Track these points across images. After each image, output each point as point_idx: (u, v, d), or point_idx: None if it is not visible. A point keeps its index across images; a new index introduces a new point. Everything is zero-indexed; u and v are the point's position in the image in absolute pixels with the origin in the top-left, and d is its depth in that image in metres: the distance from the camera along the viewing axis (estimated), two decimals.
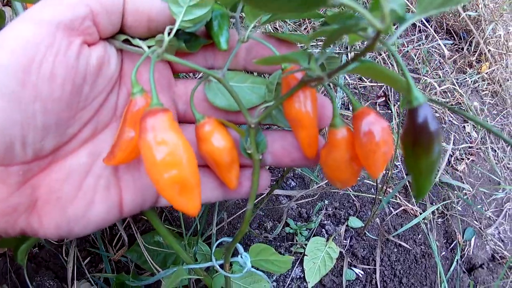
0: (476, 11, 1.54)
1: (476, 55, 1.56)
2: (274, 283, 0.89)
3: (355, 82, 1.26)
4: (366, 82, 1.30)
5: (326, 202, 1.04)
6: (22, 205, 0.32)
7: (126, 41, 0.36)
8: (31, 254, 0.82)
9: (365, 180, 1.10)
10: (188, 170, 0.29)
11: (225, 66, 0.37)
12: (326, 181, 1.02)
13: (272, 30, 1.07)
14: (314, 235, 0.95)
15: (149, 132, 0.28)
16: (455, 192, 1.23)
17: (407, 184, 1.15)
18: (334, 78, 0.30)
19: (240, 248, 0.59)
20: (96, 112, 0.35)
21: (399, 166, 1.18)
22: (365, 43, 0.24)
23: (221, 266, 0.56)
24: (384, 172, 1.04)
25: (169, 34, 0.34)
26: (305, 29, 1.27)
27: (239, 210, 0.95)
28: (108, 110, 0.36)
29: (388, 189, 1.02)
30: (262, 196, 0.93)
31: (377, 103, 1.25)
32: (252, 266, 0.59)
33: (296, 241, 0.93)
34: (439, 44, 1.48)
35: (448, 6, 0.23)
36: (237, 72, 0.41)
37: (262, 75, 0.44)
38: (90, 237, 0.85)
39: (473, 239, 1.21)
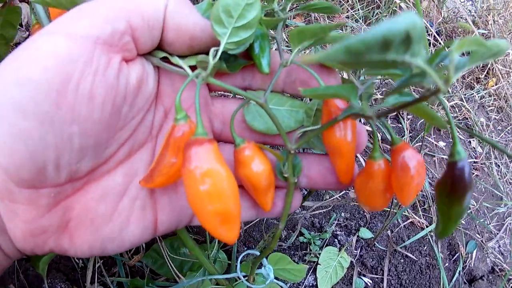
0: (486, 28, 1.57)
1: (485, 72, 1.58)
2: None
3: None
4: (377, 95, 1.33)
5: (342, 214, 1.07)
6: (52, 227, 0.30)
7: (164, 58, 0.34)
8: None
9: None
10: (231, 202, 0.29)
11: (267, 90, 0.35)
12: (340, 193, 1.04)
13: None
14: (326, 245, 0.98)
15: (193, 162, 0.28)
16: None
17: (416, 199, 1.17)
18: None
19: (264, 260, 0.61)
20: (133, 132, 0.33)
21: None
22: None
23: (244, 277, 0.58)
24: None
25: (214, 56, 0.32)
26: None
27: (255, 219, 0.98)
28: (144, 129, 0.35)
29: (394, 200, 1.05)
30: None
31: (389, 117, 1.28)
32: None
33: (310, 250, 0.96)
34: None
35: (492, 58, 0.24)
36: (275, 94, 0.40)
37: (300, 98, 0.44)
38: None
39: (474, 251, 1.23)
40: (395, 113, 1.28)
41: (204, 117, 0.39)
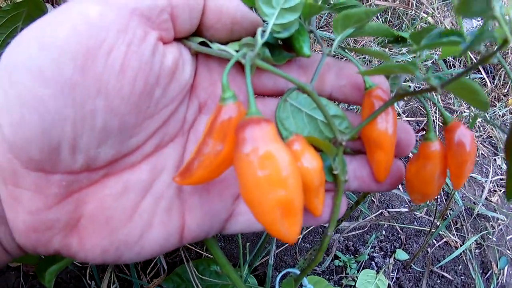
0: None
1: (506, 88, 1.50)
2: None
3: None
4: (402, 117, 1.26)
5: (382, 233, 0.99)
6: (60, 223, 0.24)
7: (203, 45, 0.30)
8: None
9: (415, 212, 1.05)
10: (295, 190, 0.23)
11: (314, 78, 0.31)
12: (376, 213, 0.97)
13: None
14: (363, 268, 0.91)
15: (249, 144, 0.22)
16: (491, 223, 1.17)
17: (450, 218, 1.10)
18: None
19: (305, 280, 0.55)
20: (164, 123, 0.28)
21: (438, 199, 1.12)
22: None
23: None
24: (436, 204, 0.99)
25: (261, 36, 0.28)
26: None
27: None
28: (176, 122, 0.29)
29: (434, 220, 0.97)
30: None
31: (418, 137, 1.21)
32: None
33: (347, 274, 0.88)
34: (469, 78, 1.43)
35: None
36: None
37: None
38: None
39: (506, 267, 1.15)
40: (424, 133, 1.21)
41: None
